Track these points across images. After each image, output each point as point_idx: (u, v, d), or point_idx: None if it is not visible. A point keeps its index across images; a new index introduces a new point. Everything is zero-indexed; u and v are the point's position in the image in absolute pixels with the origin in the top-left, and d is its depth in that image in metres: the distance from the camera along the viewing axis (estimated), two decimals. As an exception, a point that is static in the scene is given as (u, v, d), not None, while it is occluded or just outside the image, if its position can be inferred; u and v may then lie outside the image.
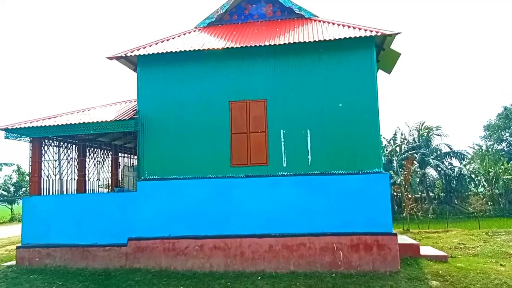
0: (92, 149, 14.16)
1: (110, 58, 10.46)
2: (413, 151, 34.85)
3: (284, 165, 9.85)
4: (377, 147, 9.65)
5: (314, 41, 9.54)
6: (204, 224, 9.84)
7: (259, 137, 10.01)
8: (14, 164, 34.80)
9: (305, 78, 10.02)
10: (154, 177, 10.21)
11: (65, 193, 11.94)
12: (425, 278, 8.69)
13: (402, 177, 32.81)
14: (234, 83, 10.26)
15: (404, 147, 37.04)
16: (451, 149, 35.67)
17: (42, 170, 11.13)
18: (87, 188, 12.85)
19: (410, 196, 24.10)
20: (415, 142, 36.64)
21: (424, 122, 37.24)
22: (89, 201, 10.50)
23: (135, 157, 13.22)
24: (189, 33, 11.63)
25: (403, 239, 10.48)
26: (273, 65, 10.16)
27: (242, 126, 10.09)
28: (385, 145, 38.35)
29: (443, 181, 35.82)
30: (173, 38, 11.23)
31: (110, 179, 13.97)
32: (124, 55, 10.37)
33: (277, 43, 9.70)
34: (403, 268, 9.25)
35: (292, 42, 9.64)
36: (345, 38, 9.52)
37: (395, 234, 9.28)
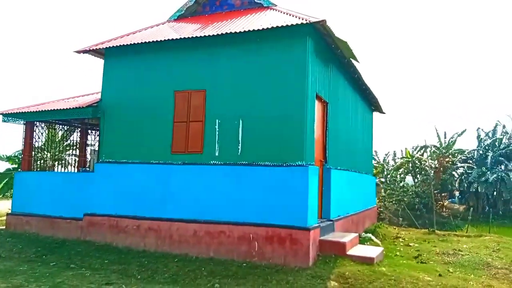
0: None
1: (78, 52, 11.61)
2: (514, 146, 31.20)
3: (217, 154, 10.06)
4: (302, 140, 9.29)
5: (240, 32, 9.51)
6: (144, 206, 10.55)
7: (197, 126, 10.34)
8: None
9: (241, 69, 10.03)
10: (110, 160, 11.19)
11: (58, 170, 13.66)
12: (327, 278, 8.30)
13: (494, 175, 29.77)
14: (179, 73, 10.70)
15: (505, 142, 33.43)
16: None
17: (33, 149, 12.89)
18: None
19: (443, 194, 22.08)
20: None
21: None
22: (58, 178, 11.96)
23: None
24: (157, 25, 12.31)
25: (338, 236, 9.94)
26: (214, 56, 10.34)
27: (183, 115, 10.52)
28: (482, 138, 34.97)
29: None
30: (140, 31, 12.00)
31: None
32: (89, 49, 11.44)
33: (206, 34, 9.87)
34: (316, 266, 8.92)
35: (220, 33, 9.73)
36: (266, 28, 9.29)
37: (309, 229, 8.96)
